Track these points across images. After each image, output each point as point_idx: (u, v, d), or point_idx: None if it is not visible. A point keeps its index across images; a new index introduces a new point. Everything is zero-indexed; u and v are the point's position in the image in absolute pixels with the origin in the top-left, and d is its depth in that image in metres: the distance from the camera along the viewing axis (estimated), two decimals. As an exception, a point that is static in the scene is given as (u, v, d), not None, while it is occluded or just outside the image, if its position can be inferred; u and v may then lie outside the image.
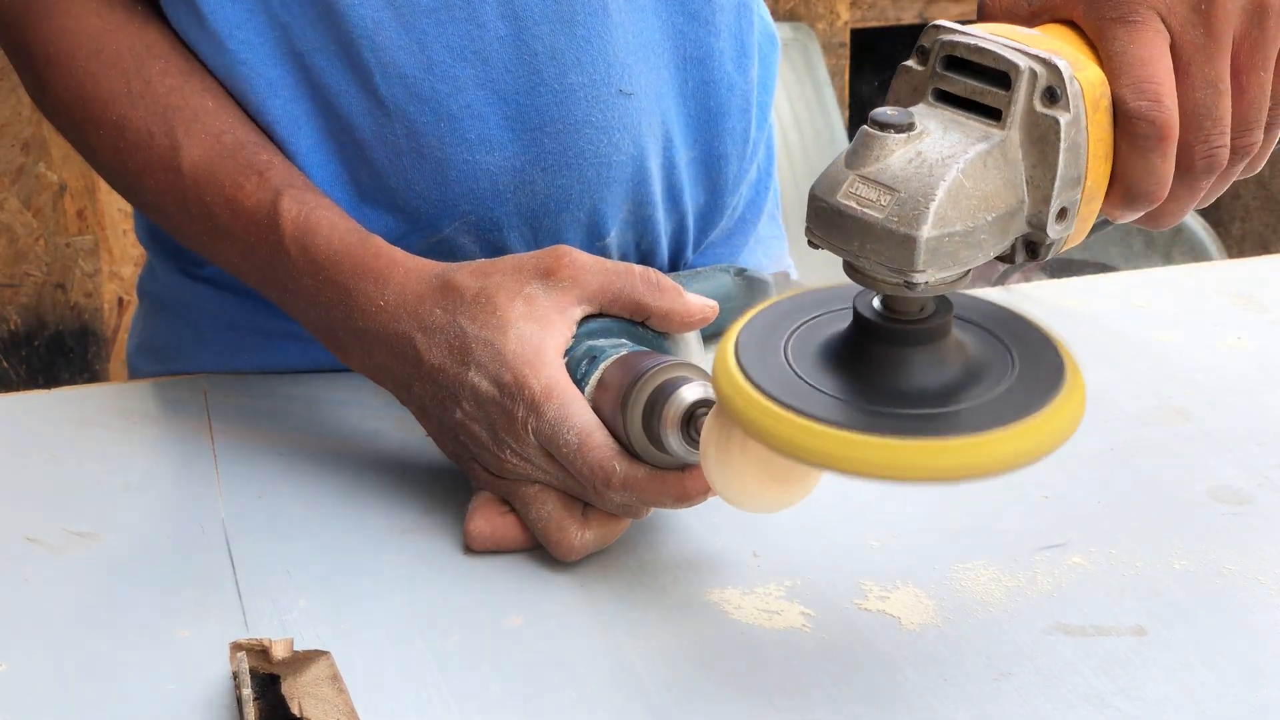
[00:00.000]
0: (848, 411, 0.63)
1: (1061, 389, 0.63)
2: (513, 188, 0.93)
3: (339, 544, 0.81)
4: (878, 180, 0.62)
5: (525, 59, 0.90)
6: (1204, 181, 0.69)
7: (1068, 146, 0.63)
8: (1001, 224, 0.63)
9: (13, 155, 2.34)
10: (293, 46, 0.90)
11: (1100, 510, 0.83)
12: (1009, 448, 0.61)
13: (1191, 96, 0.67)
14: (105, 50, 0.91)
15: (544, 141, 0.92)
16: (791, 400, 0.63)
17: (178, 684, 0.69)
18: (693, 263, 1.06)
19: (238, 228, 0.87)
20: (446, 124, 0.91)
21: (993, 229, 0.63)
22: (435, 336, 0.80)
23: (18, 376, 2.43)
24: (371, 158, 0.92)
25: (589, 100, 0.92)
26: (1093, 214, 0.67)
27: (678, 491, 0.75)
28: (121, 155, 0.91)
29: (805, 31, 2.62)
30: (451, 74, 0.90)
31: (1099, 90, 0.65)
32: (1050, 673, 0.69)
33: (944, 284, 0.63)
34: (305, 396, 0.96)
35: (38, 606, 0.76)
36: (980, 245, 0.63)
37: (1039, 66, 0.63)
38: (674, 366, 0.75)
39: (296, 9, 0.89)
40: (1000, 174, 0.63)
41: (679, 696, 0.68)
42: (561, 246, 0.81)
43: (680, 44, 0.96)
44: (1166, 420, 0.92)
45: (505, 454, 0.78)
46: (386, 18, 0.89)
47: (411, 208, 0.94)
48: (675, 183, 0.99)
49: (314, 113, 0.92)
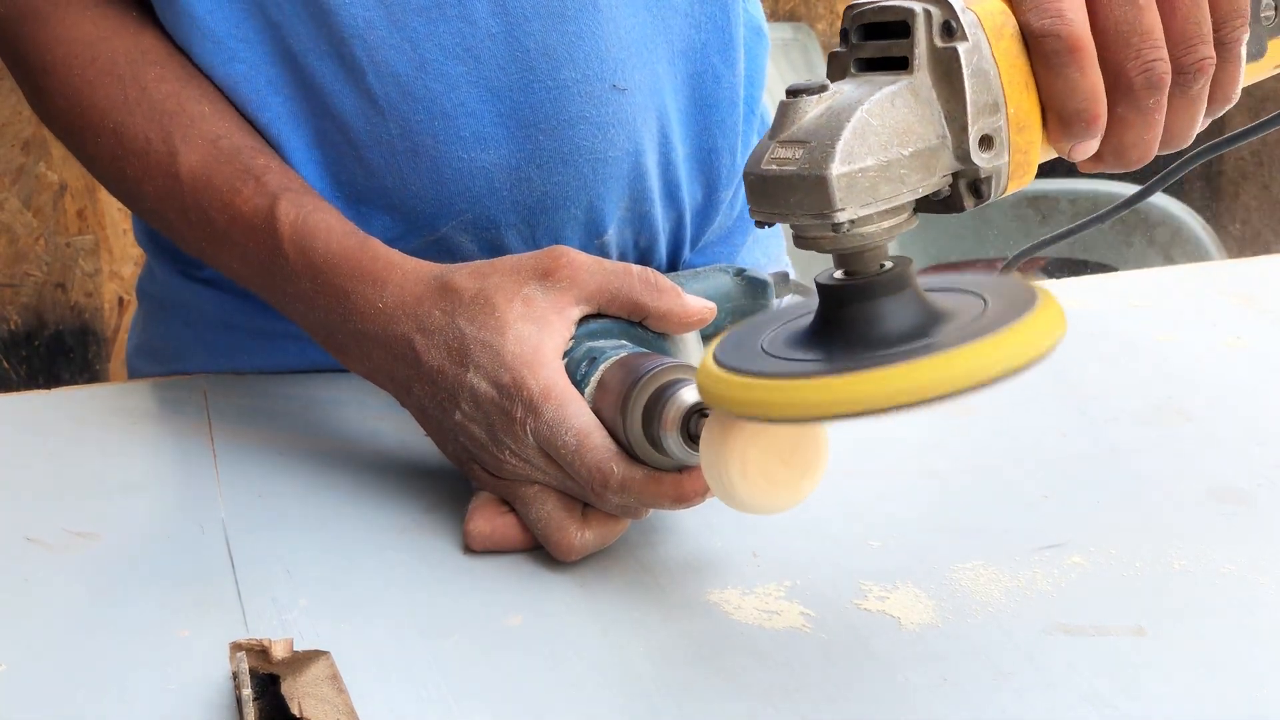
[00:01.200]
0: (823, 365, 0.64)
1: (1036, 307, 0.63)
2: (509, 185, 0.93)
3: (339, 544, 0.81)
4: (792, 139, 0.65)
5: (518, 55, 0.90)
6: (1148, 99, 0.69)
7: (972, 73, 0.65)
8: (922, 159, 0.65)
9: (13, 155, 2.34)
10: (286, 47, 0.90)
11: (1100, 510, 0.83)
12: (991, 355, 0.61)
13: (1109, 15, 0.68)
14: (100, 58, 0.91)
15: (539, 138, 0.92)
16: (767, 368, 0.64)
17: (178, 684, 0.69)
18: (691, 262, 1.06)
19: (236, 232, 0.87)
20: (440, 122, 0.91)
21: (912, 163, 0.65)
22: (434, 338, 0.80)
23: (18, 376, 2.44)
24: (366, 157, 0.93)
25: (583, 96, 0.92)
26: (1031, 144, 0.68)
27: (676, 493, 0.75)
28: (119, 163, 0.91)
29: (805, 31, 2.62)
30: (444, 72, 0.90)
31: (999, 19, 0.67)
32: (1050, 673, 0.69)
33: (873, 221, 0.64)
34: (305, 396, 0.96)
35: (38, 606, 0.76)
36: (901, 179, 0.64)
37: (933, 6, 0.66)
38: (673, 369, 0.75)
39: (289, 9, 0.89)
40: (912, 111, 0.65)
41: (679, 696, 0.68)
42: (559, 247, 0.81)
43: (669, 38, 0.96)
44: (1166, 420, 0.92)
45: (504, 455, 0.78)
46: (378, 17, 0.89)
47: (408, 207, 0.94)
48: (673, 178, 0.99)
49: (308, 113, 0.92)
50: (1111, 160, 0.71)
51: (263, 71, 0.91)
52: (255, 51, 0.91)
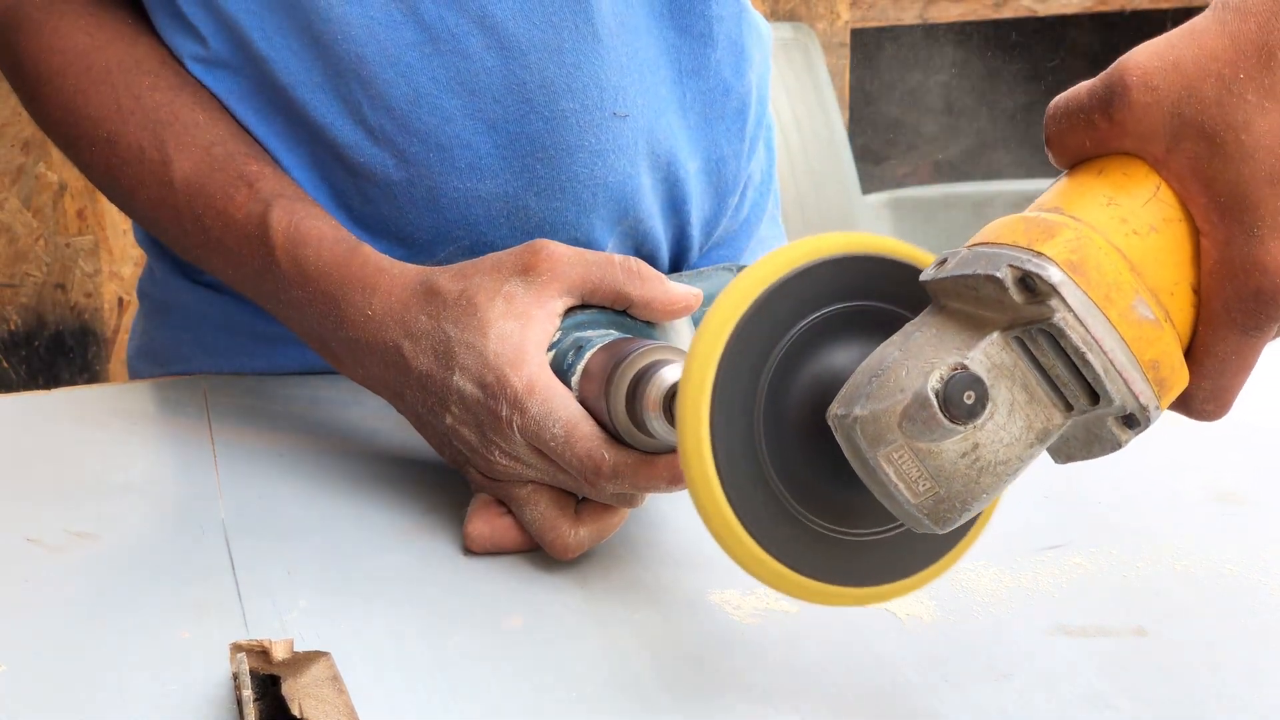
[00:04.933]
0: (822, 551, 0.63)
1: None
2: (506, 213, 0.93)
3: (339, 544, 0.81)
4: (924, 464, 0.57)
5: (515, 88, 0.90)
6: None
7: None
8: None
9: (13, 155, 2.34)
10: (274, 80, 0.90)
11: (1100, 510, 0.83)
12: None
13: None
14: (95, 67, 0.91)
15: (537, 168, 0.92)
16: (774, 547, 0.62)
17: (178, 685, 0.69)
18: (696, 265, 1.06)
19: (230, 240, 0.87)
20: (437, 154, 0.91)
21: None
22: (421, 343, 0.80)
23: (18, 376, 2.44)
24: (362, 187, 0.93)
25: (581, 125, 0.92)
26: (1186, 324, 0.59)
27: (670, 474, 0.74)
28: (114, 172, 0.91)
29: (805, 31, 2.62)
30: (440, 105, 0.90)
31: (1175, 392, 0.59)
32: (1051, 673, 0.69)
33: None
34: (305, 397, 0.96)
35: (37, 607, 0.76)
36: None
37: (1130, 402, 0.57)
38: (655, 350, 0.75)
39: (279, 42, 0.89)
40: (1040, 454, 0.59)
41: (679, 697, 0.68)
42: (539, 240, 0.80)
43: (676, 59, 0.96)
44: (1166, 420, 0.92)
45: (495, 455, 0.78)
46: (372, 52, 0.88)
47: (406, 235, 0.94)
48: (679, 194, 0.99)
49: (304, 141, 0.92)
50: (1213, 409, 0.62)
51: (256, 99, 0.91)
52: (249, 81, 0.91)
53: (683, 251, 1.03)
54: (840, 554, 0.63)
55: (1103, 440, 0.59)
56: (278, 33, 0.89)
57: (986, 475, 0.57)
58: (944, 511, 0.57)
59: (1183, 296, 0.58)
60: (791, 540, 0.63)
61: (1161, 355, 0.57)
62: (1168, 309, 0.58)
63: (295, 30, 0.88)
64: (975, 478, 0.57)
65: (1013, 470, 0.58)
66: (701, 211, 1.02)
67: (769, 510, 0.62)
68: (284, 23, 0.88)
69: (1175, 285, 0.58)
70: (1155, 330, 0.57)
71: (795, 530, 0.63)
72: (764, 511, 0.62)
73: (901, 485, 0.58)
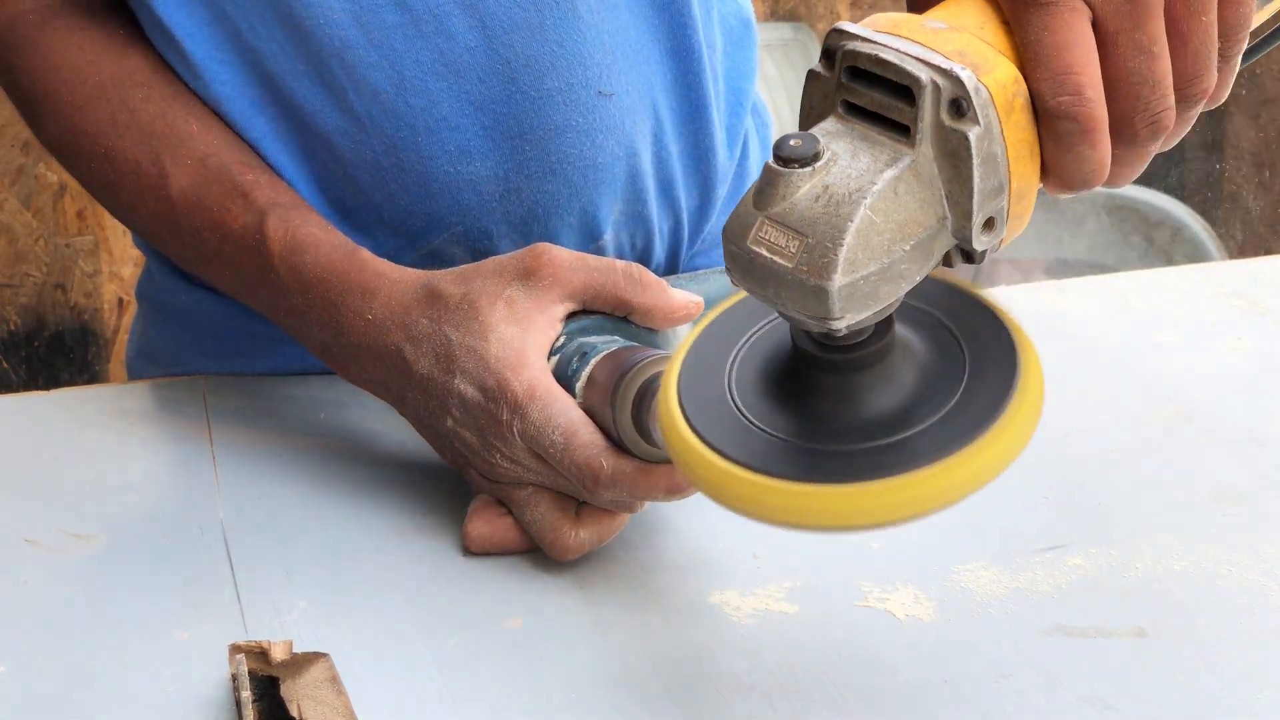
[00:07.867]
0: (792, 456, 0.61)
1: (1010, 400, 0.60)
2: (498, 196, 0.93)
3: (338, 545, 0.81)
4: (785, 223, 0.59)
5: (498, 68, 0.90)
6: (1150, 145, 0.64)
7: (982, 160, 0.59)
8: (922, 249, 0.60)
9: (13, 155, 2.34)
10: (264, 70, 0.90)
11: (1100, 511, 0.83)
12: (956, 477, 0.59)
13: (1123, 67, 0.62)
14: (89, 83, 0.91)
15: (525, 149, 0.92)
16: (735, 450, 0.62)
17: (177, 686, 0.69)
18: (691, 263, 1.05)
19: (228, 250, 0.88)
20: (424, 138, 0.91)
21: (913, 256, 0.60)
22: (422, 346, 0.80)
23: (18, 377, 2.43)
24: (353, 175, 0.92)
25: (567, 104, 0.92)
26: (1027, 209, 0.63)
27: (668, 484, 0.74)
28: (113, 187, 0.91)
29: (805, 31, 2.62)
30: (425, 88, 0.90)
31: (1011, 90, 0.60)
32: (1050, 674, 0.69)
33: (868, 320, 0.60)
34: (305, 398, 0.96)
35: (37, 607, 0.76)
36: (901, 275, 0.60)
37: (942, 79, 0.59)
38: (661, 360, 0.75)
39: (264, 32, 0.89)
40: (915, 197, 0.60)
41: (679, 697, 0.68)
42: (541, 245, 0.80)
43: (659, 38, 0.96)
44: (1166, 420, 0.92)
45: (495, 458, 0.78)
46: (355, 36, 0.88)
47: (398, 223, 0.94)
48: (668, 178, 0.99)
49: (294, 131, 0.92)
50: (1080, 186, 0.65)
51: (244, 93, 0.91)
52: (236, 74, 0.91)
53: (677, 244, 1.03)
54: (816, 460, 0.62)
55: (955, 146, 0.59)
56: (261, 22, 0.89)
57: (845, 205, 0.58)
58: (818, 257, 0.58)
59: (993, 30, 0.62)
60: (764, 450, 0.62)
61: (965, 47, 0.60)
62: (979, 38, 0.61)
63: (278, 19, 0.88)
64: (835, 210, 0.58)
65: (870, 194, 0.58)
66: (690, 199, 1.02)
67: (739, 434, 0.62)
68: (266, 12, 0.88)
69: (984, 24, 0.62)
70: (951, 34, 0.60)
71: (766, 443, 0.62)
72: (734, 436, 0.62)
73: (777, 258, 0.59)
